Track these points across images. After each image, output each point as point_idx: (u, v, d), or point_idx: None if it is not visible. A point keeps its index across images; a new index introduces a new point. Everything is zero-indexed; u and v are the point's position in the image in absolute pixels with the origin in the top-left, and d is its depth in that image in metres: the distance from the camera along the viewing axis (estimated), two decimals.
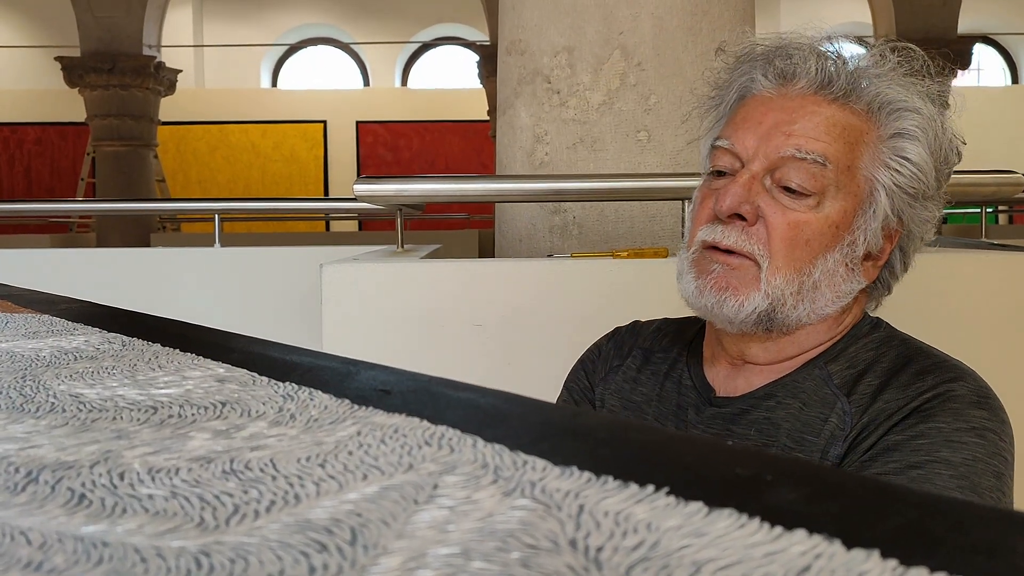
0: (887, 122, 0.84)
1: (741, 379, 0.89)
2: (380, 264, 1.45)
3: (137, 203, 4.97)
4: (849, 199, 0.83)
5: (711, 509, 0.24)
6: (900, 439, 0.78)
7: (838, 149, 0.82)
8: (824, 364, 0.86)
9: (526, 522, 0.24)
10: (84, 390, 0.42)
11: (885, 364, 0.85)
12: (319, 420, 0.36)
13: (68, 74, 7.90)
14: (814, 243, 0.82)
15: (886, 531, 0.22)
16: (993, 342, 1.46)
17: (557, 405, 0.37)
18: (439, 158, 11.85)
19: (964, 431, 0.77)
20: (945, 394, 0.79)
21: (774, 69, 0.86)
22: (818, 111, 0.83)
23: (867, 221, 0.83)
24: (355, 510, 0.26)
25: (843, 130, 0.83)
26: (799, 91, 0.84)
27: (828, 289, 0.83)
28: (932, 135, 0.85)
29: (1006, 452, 0.78)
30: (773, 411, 0.85)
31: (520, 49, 1.81)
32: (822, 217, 0.82)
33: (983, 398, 0.80)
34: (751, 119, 0.85)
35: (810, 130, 0.82)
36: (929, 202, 0.87)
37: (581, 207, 1.74)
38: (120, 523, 0.25)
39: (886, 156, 0.83)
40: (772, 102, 0.85)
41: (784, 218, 0.81)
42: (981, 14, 11.90)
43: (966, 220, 7.60)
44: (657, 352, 0.99)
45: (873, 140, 0.83)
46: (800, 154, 0.81)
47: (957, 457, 0.76)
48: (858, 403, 0.82)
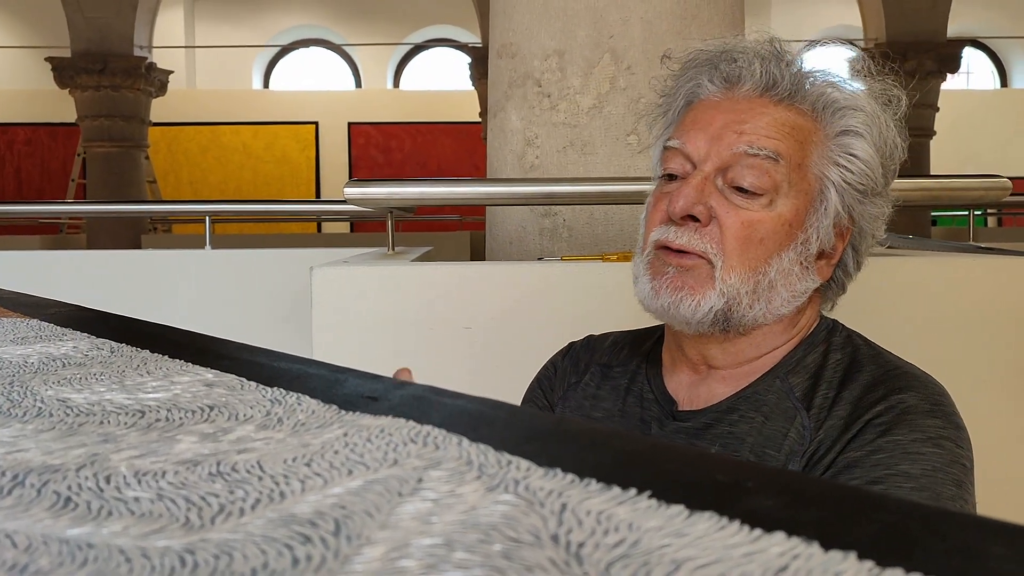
0: (833, 120, 0.85)
1: (704, 388, 0.89)
2: (370, 267, 1.45)
3: (127, 205, 4.96)
4: (801, 197, 0.83)
5: (692, 512, 0.24)
6: (859, 455, 0.78)
7: (789, 146, 0.83)
8: (785, 375, 0.86)
9: (509, 516, 0.25)
10: (72, 395, 0.42)
11: (839, 373, 0.85)
12: (306, 424, 0.36)
13: (58, 75, 7.87)
14: (768, 242, 0.82)
15: (863, 534, 0.22)
16: (980, 345, 1.47)
17: (543, 412, 0.38)
18: (431, 159, 11.85)
19: (921, 442, 0.77)
20: (898, 406, 0.80)
21: (720, 73, 0.87)
22: (766, 112, 0.84)
23: (819, 219, 0.84)
24: (339, 503, 0.26)
25: (791, 129, 0.84)
26: (745, 94, 0.85)
27: (783, 288, 0.84)
28: (877, 132, 0.86)
29: (964, 459, 0.79)
30: (736, 425, 0.85)
31: (511, 52, 1.82)
32: (775, 216, 0.82)
33: (936, 406, 0.80)
34: (701, 121, 0.86)
35: (760, 128, 0.83)
36: (878, 199, 0.88)
37: (571, 210, 1.74)
38: (106, 525, 0.25)
39: (834, 154, 0.84)
40: (720, 105, 0.86)
41: (737, 217, 0.82)
42: (970, 18, 11.96)
43: (955, 223, 7.64)
44: (615, 366, 0.98)
45: (821, 139, 0.85)
46: (752, 150, 0.82)
47: (916, 469, 0.76)
48: (816, 417, 0.82)
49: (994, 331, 1.46)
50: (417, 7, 12.67)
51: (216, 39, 12.48)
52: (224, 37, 12.50)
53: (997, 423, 1.46)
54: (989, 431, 1.45)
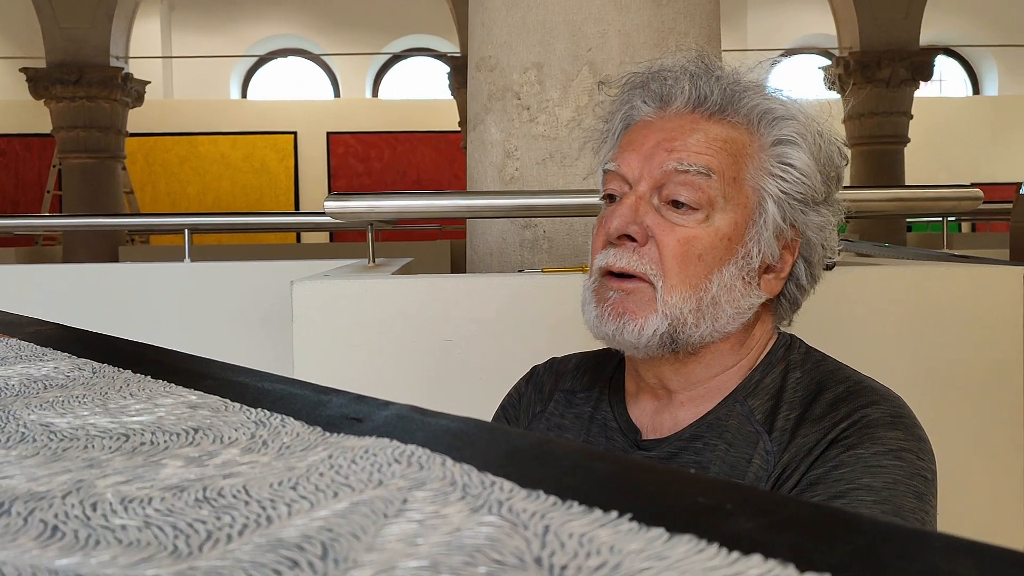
0: (767, 131, 0.85)
1: (667, 415, 0.89)
2: (350, 280, 1.45)
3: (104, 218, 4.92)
4: (738, 211, 0.83)
5: (672, 535, 0.25)
6: (822, 471, 0.78)
7: (722, 161, 0.83)
8: (744, 399, 0.86)
9: (493, 538, 0.25)
10: (55, 419, 0.42)
11: (800, 393, 0.85)
12: (291, 447, 0.36)
13: (33, 85, 7.79)
14: (707, 257, 0.82)
15: (837, 556, 0.23)
16: (954, 354, 1.48)
17: (525, 433, 0.38)
18: (411, 169, 11.83)
19: (882, 455, 0.77)
20: (860, 421, 0.79)
21: (651, 94, 0.87)
22: (697, 127, 0.84)
23: (759, 231, 0.83)
24: (326, 526, 0.26)
25: (724, 143, 0.83)
26: (676, 111, 0.86)
27: (727, 304, 0.83)
28: (812, 139, 0.85)
29: (925, 471, 0.79)
30: (701, 453, 0.85)
31: (490, 65, 1.82)
32: (712, 231, 0.82)
33: (896, 418, 0.80)
34: (635, 142, 0.86)
35: (691, 144, 0.83)
36: (822, 207, 0.86)
37: (551, 222, 1.75)
38: (94, 555, 0.25)
39: (769, 164, 0.84)
40: (653, 124, 0.86)
41: (674, 235, 0.81)
42: (943, 26, 12.12)
43: (929, 229, 7.72)
44: (579, 393, 0.98)
45: (756, 150, 0.84)
46: (683, 166, 0.82)
47: (878, 482, 0.76)
48: (779, 440, 0.82)
49: (967, 339, 1.48)
50: (395, 17, 12.67)
51: (193, 49, 12.41)
52: (201, 47, 12.44)
53: (971, 430, 1.48)
54: (963, 438, 1.47)
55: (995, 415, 1.47)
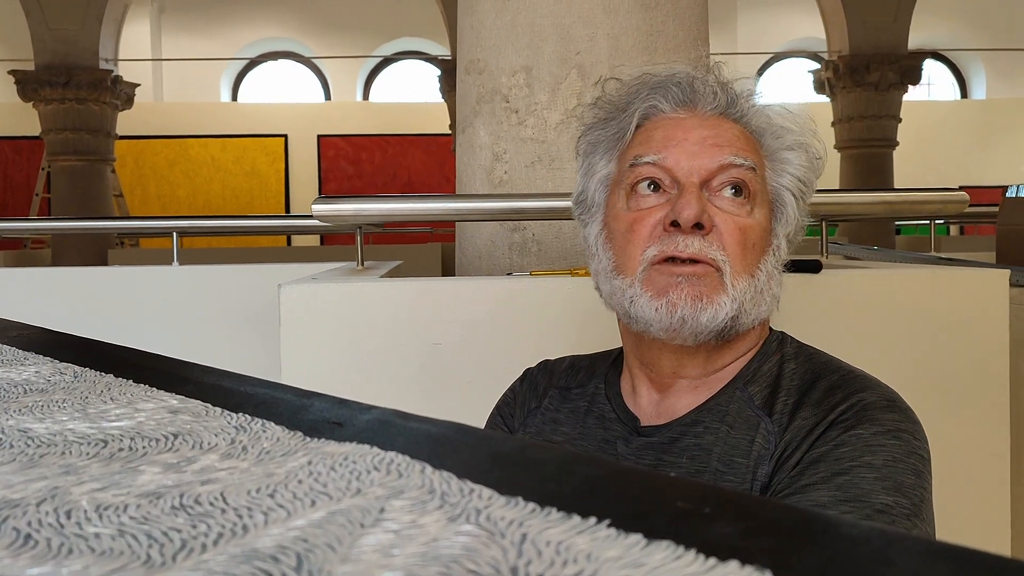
0: (774, 141, 0.90)
1: (667, 404, 0.90)
2: (339, 283, 1.45)
3: (92, 221, 4.89)
4: (766, 206, 0.88)
5: (650, 541, 0.25)
6: (824, 450, 0.81)
7: (757, 158, 0.88)
8: (744, 386, 0.88)
9: (470, 548, 0.25)
10: (33, 424, 0.41)
11: (796, 381, 0.88)
12: (271, 452, 0.36)
13: (22, 88, 7.75)
14: (758, 247, 0.86)
15: (814, 561, 0.23)
16: (941, 356, 1.49)
17: (508, 436, 0.38)
18: (402, 171, 11.83)
19: (881, 434, 0.80)
20: (858, 404, 0.82)
21: (673, 96, 0.89)
22: (732, 128, 0.88)
23: (783, 227, 0.90)
24: (301, 536, 0.26)
25: (751, 143, 0.89)
26: (707, 113, 0.89)
27: (767, 293, 0.87)
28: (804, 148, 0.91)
29: (922, 450, 0.82)
30: (702, 436, 0.86)
31: (478, 68, 1.82)
32: (756, 222, 0.86)
33: (891, 401, 0.84)
34: (674, 138, 0.87)
35: (734, 141, 0.87)
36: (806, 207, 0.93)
37: (540, 225, 1.75)
38: (66, 564, 0.25)
39: (781, 167, 0.90)
40: (686, 122, 0.88)
41: (734, 223, 0.84)
42: (931, 30, 12.18)
43: (918, 231, 7.75)
44: (574, 389, 0.99)
45: (770, 154, 0.90)
46: (737, 160, 0.85)
47: (878, 460, 0.79)
48: (779, 422, 0.85)
49: (954, 341, 1.48)
50: (386, 20, 12.66)
51: (183, 51, 12.38)
52: (191, 50, 12.40)
53: (959, 432, 1.48)
54: (951, 439, 1.47)
55: (981, 416, 1.48)
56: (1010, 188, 2.74)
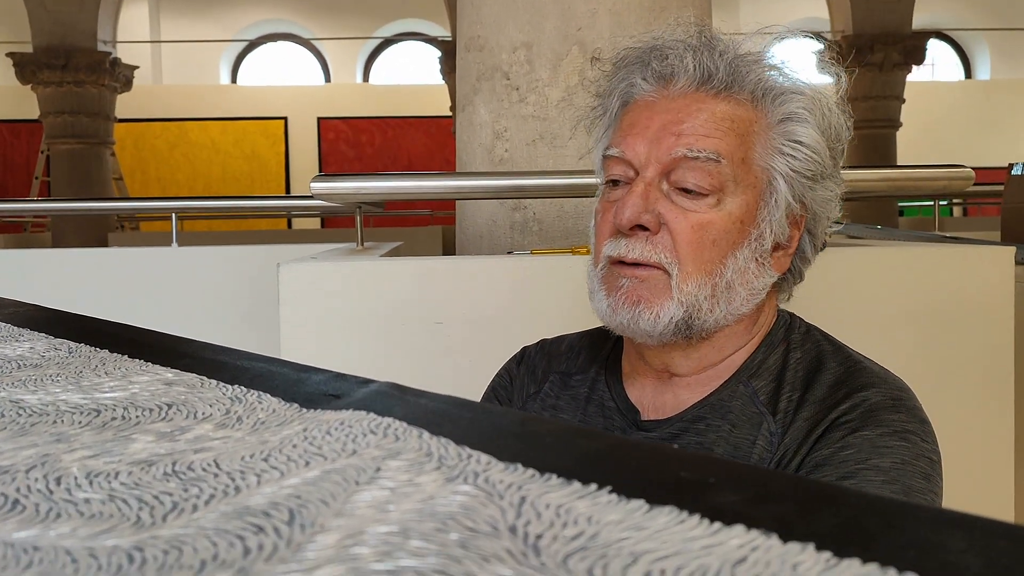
0: (773, 108, 0.82)
1: (669, 395, 0.88)
2: (338, 263, 1.44)
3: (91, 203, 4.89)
4: (749, 192, 0.81)
5: (652, 506, 0.24)
6: (827, 453, 0.78)
7: (730, 143, 0.80)
8: (748, 380, 0.85)
9: (467, 507, 0.24)
10: (25, 396, 0.41)
11: (800, 372, 0.84)
12: (266, 422, 0.36)
13: (20, 70, 7.72)
14: (721, 242, 0.80)
15: (822, 527, 0.22)
16: (945, 334, 1.49)
17: (506, 410, 0.37)
18: (402, 154, 11.80)
19: (887, 435, 0.77)
20: (862, 404, 0.79)
21: (652, 71, 0.84)
22: (703, 107, 0.81)
23: (770, 212, 0.82)
24: (295, 493, 0.26)
25: (732, 123, 0.81)
26: (681, 90, 0.82)
27: (741, 288, 0.82)
28: (820, 114, 0.83)
29: (930, 452, 0.79)
30: (704, 434, 0.83)
31: (479, 45, 1.81)
32: (725, 215, 0.80)
33: (897, 401, 0.80)
34: (638, 124, 0.83)
35: (699, 127, 0.80)
36: (828, 181, 0.85)
37: (541, 203, 1.74)
38: (53, 527, 0.25)
39: (778, 142, 0.82)
40: (656, 104, 0.83)
41: (687, 221, 0.79)
42: (935, 10, 12.12)
43: (921, 213, 7.74)
44: (575, 374, 0.96)
45: (763, 128, 0.82)
46: (692, 153, 0.79)
47: (886, 462, 0.76)
48: (782, 421, 0.82)
49: (959, 319, 1.48)
50: (386, 1, 12.60)
51: (182, 34, 12.33)
52: (190, 32, 12.35)
53: (963, 411, 1.48)
54: (955, 419, 1.47)
55: (986, 394, 1.47)
56: (1015, 166, 2.73)
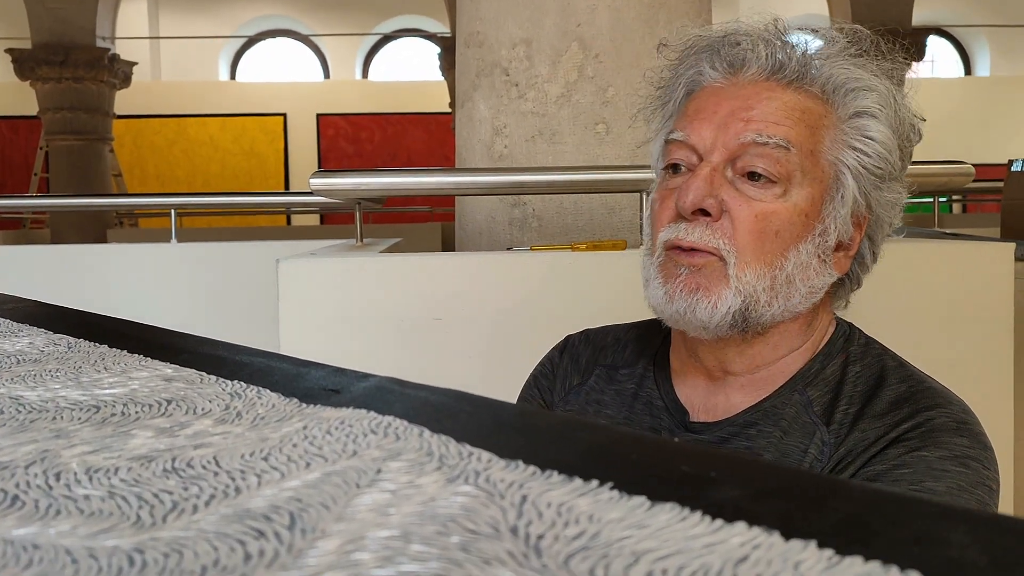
0: (845, 102, 0.80)
1: (721, 397, 0.85)
2: (338, 259, 1.44)
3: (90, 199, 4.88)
4: (816, 185, 0.79)
5: (654, 503, 0.24)
6: (881, 469, 0.76)
7: (800, 133, 0.78)
8: (803, 388, 0.82)
9: (468, 508, 0.24)
10: (24, 392, 0.41)
11: (860, 387, 0.82)
12: (266, 418, 0.35)
13: (19, 67, 7.72)
14: (784, 234, 0.78)
15: (824, 524, 0.22)
16: (945, 329, 1.49)
17: (506, 404, 0.37)
18: (401, 150, 11.79)
19: (947, 459, 0.74)
20: (925, 424, 0.77)
21: (721, 59, 0.82)
22: (774, 96, 0.79)
23: (836, 208, 0.80)
24: (295, 496, 0.26)
25: (802, 113, 0.79)
26: (751, 78, 0.80)
27: (801, 283, 0.79)
28: (892, 112, 0.81)
29: (990, 480, 0.76)
30: (754, 440, 0.81)
31: (478, 41, 1.81)
32: (790, 206, 0.78)
33: (963, 424, 0.77)
34: (705, 110, 0.81)
35: (769, 114, 0.78)
36: (895, 183, 0.83)
37: (540, 200, 1.74)
38: (53, 525, 0.24)
39: (849, 137, 0.80)
40: (724, 91, 0.81)
41: (750, 209, 0.77)
42: (935, 6, 12.11)
43: (920, 210, 7.74)
44: (622, 368, 0.93)
45: (833, 122, 0.80)
46: (762, 138, 0.77)
47: (941, 486, 0.73)
48: (837, 433, 0.79)
49: (958, 315, 1.48)
50: None
51: (181, 30, 12.31)
52: (189, 28, 12.33)
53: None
54: None
55: (985, 390, 1.47)
56: (1015, 162, 2.73)
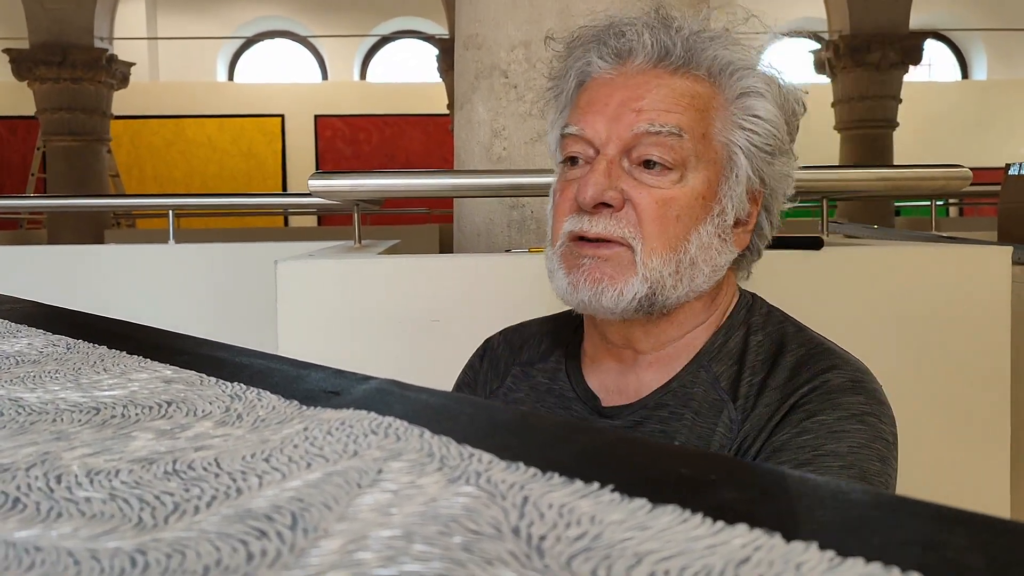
0: (731, 83, 0.82)
1: (632, 378, 0.87)
2: (336, 260, 1.44)
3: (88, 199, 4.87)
4: (710, 168, 0.81)
5: (655, 505, 0.24)
6: (785, 438, 0.78)
7: (691, 118, 0.80)
8: (708, 364, 0.84)
9: (470, 508, 0.24)
10: (24, 394, 0.41)
11: (761, 356, 0.84)
12: (266, 420, 0.35)
13: (17, 67, 7.71)
14: (684, 218, 0.80)
15: (825, 525, 0.22)
16: (940, 332, 1.49)
17: (506, 406, 0.37)
18: (399, 152, 11.79)
19: (844, 419, 0.77)
20: (821, 386, 0.79)
21: (609, 49, 0.83)
22: (663, 83, 0.81)
23: (731, 187, 0.82)
24: (297, 496, 0.26)
25: (691, 99, 0.81)
26: (639, 67, 0.82)
27: (704, 264, 0.81)
28: (775, 89, 0.83)
29: (887, 434, 0.79)
30: (667, 423, 0.83)
31: (477, 43, 1.81)
32: (688, 190, 0.80)
33: (857, 383, 0.80)
34: (597, 102, 0.82)
35: (659, 103, 0.80)
36: (785, 156, 0.85)
37: (539, 202, 1.74)
38: (55, 527, 0.24)
39: (738, 117, 0.82)
40: (614, 82, 0.82)
41: (650, 196, 0.79)
42: (932, 10, 12.13)
43: (918, 213, 7.75)
44: (537, 363, 0.95)
45: (721, 104, 0.82)
46: (654, 128, 0.79)
47: (843, 447, 0.76)
48: (742, 407, 0.81)
49: (955, 319, 1.48)
50: None
51: (179, 30, 12.30)
52: (187, 28, 12.33)
53: (959, 411, 1.48)
54: (951, 419, 1.47)
55: (982, 394, 1.48)
56: (1012, 166, 2.73)
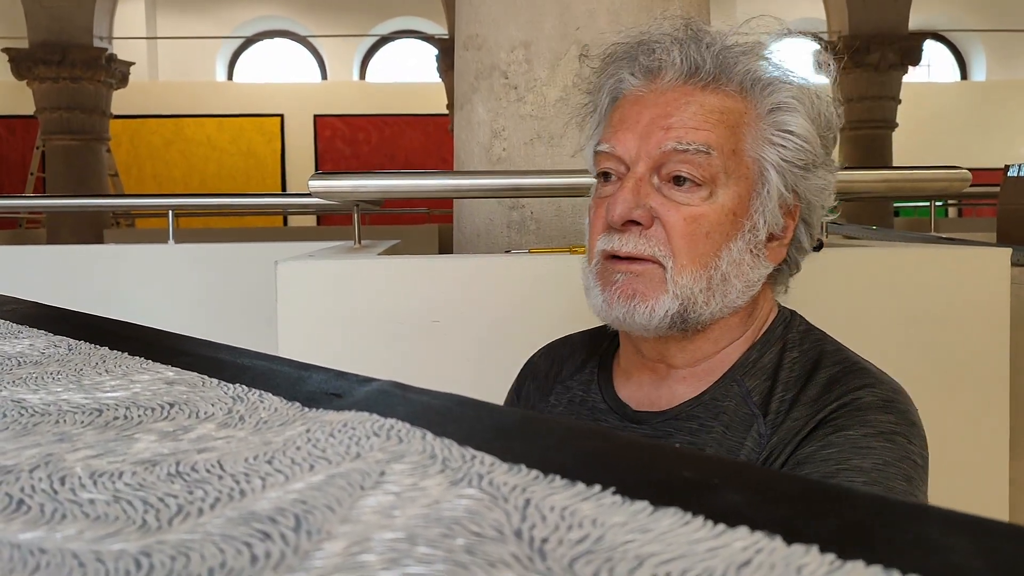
0: (762, 98, 0.82)
1: (664, 389, 0.88)
2: (336, 261, 1.44)
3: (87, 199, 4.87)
4: (741, 183, 0.81)
5: (656, 508, 0.24)
6: (810, 451, 0.78)
7: (720, 135, 0.80)
8: (741, 378, 0.85)
9: (472, 511, 0.24)
10: (27, 395, 0.41)
11: (795, 372, 0.84)
12: (268, 422, 0.35)
13: (16, 66, 7.70)
14: (715, 234, 0.80)
15: (826, 528, 0.22)
16: (940, 333, 1.49)
17: (509, 409, 0.37)
18: (399, 152, 11.79)
19: (871, 436, 0.77)
20: (852, 403, 0.79)
21: (639, 66, 0.84)
22: (692, 100, 0.81)
23: (763, 202, 0.82)
24: (300, 498, 0.26)
25: (721, 115, 0.81)
26: (669, 84, 0.82)
27: (737, 280, 0.81)
28: (808, 103, 0.83)
29: (916, 456, 0.78)
30: (697, 435, 0.83)
31: (477, 44, 1.81)
32: (717, 207, 0.80)
33: (889, 402, 0.79)
34: (627, 120, 0.83)
35: (688, 120, 0.80)
36: (821, 169, 0.85)
37: (539, 203, 1.74)
38: (59, 529, 0.24)
39: (768, 133, 0.82)
40: (644, 99, 0.83)
41: (679, 214, 0.79)
42: (931, 11, 12.13)
43: (917, 214, 7.76)
44: (575, 375, 0.97)
45: (752, 119, 0.82)
46: (682, 145, 0.79)
47: (867, 463, 0.75)
48: (772, 423, 0.81)
49: (954, 320, 1.48)
50: None
51: (178, 30, 12.30)
52: (186, 28, 12.32)
53: (958, 412, 1.48)
54: (950, 420, 1.47)
55: (981, 395, 1.48)
56: (1011, 167, 2.74)
